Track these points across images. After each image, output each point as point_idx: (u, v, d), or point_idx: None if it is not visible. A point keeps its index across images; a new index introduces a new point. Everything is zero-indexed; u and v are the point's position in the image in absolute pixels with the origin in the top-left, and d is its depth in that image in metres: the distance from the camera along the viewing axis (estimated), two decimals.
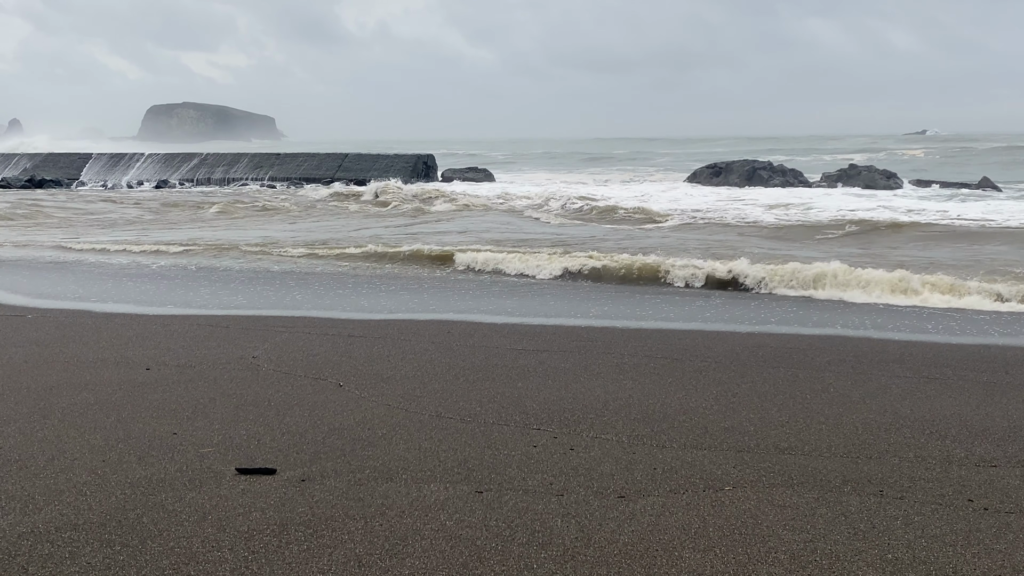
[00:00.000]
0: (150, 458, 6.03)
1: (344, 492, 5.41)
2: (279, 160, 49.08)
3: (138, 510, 5.11)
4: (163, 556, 4.54)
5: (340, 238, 22.79)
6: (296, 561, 4.50)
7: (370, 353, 9.42)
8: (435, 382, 8.17)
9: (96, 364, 8.87)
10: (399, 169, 45.42)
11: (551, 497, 5.34)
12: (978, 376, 8.49)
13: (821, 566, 4.49)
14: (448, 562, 4.50)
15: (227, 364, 8.88)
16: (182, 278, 15.80)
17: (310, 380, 8.25)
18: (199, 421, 6.91)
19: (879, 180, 39.63)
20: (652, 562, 4.52)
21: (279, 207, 33.81)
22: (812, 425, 6.86)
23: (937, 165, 55.90)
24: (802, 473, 5.79)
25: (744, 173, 41.64)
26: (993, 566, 4.49)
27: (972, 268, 16.36)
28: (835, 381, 8.27)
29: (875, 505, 5.25)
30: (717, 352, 9.52)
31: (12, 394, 7.70)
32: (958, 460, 6.08)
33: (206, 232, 25.07)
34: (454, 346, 9.79)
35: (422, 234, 23.64)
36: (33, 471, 5.75)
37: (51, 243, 21.94)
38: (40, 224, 28.05)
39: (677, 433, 6.66)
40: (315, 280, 15.43)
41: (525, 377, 8.37)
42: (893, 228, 23.86)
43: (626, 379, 8.31)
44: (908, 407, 7.39)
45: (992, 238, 21.69)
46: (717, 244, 21.11)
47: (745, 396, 7.72)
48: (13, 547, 4.63)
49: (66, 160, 51.43)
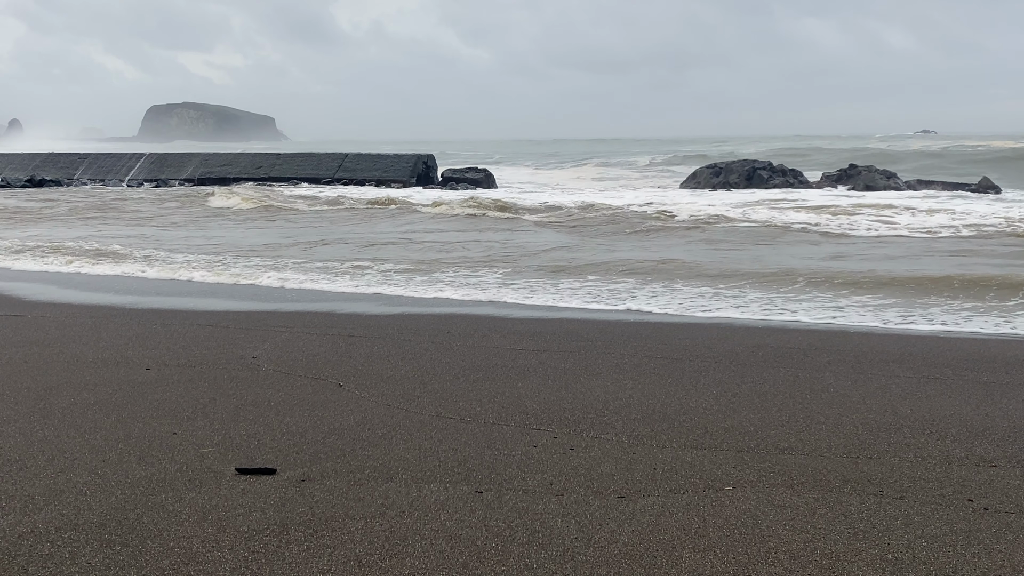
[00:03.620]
0: (150, 458, 6.03)
1: (344, 492, 5.41)
2: (279, 160, 49.07)
3: (138, 510, 5.11)
4: (163, 556, 4.54)
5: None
6: (296, 561, 4.51)
7: (370, 353, 9.42)
8: (435, 382, 8.17)
9: (96, 364, 8.88)
10: (399, 169, 45.39)
11: (551, 497, 5.34)
12: (978, 376, 8.49)
13: (821, 566, 4.49)
14: (448, 562, 4.50)
15: (227, 364, 8.88)
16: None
17: (310, 380, 8.25)
18: (199, 421, 6.91)
19: (879, 180, 39.61)
20: (652, 562, 4.52)
21: (297, 208, 33.73)
22: (812, 425, 6.86)
23: (938, 166, 55.89)
24: (802, 473, 5.80)
25: (744, 173, 41.62)
26: (993, 566, 4.49)
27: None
28: (835, 381, 8.27)
29: (875, 505, 5.26)
30: (717, 352, 9.52)
31: (12, 394, 7.70)
32: (958, 460, 6.08)
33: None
34: (454, 346, 9.80)
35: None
36: (33, 471, 5.76)
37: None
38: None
39: (677, 433, 6.66)
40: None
41: (525, 377, 8.37)
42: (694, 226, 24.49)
43: (626, 379, 8.32)
44: (908, 407, 7.39)
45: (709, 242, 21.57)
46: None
47: (745, 396, 7.72)
48: (13, 547, 4.63)
49: (66, 160, 51.55)
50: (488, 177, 46.73)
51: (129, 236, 23.39)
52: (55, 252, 19.54)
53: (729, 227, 24.45)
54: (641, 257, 18.23)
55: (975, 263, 16.93)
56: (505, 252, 19.56)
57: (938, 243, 20.85)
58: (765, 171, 41.58)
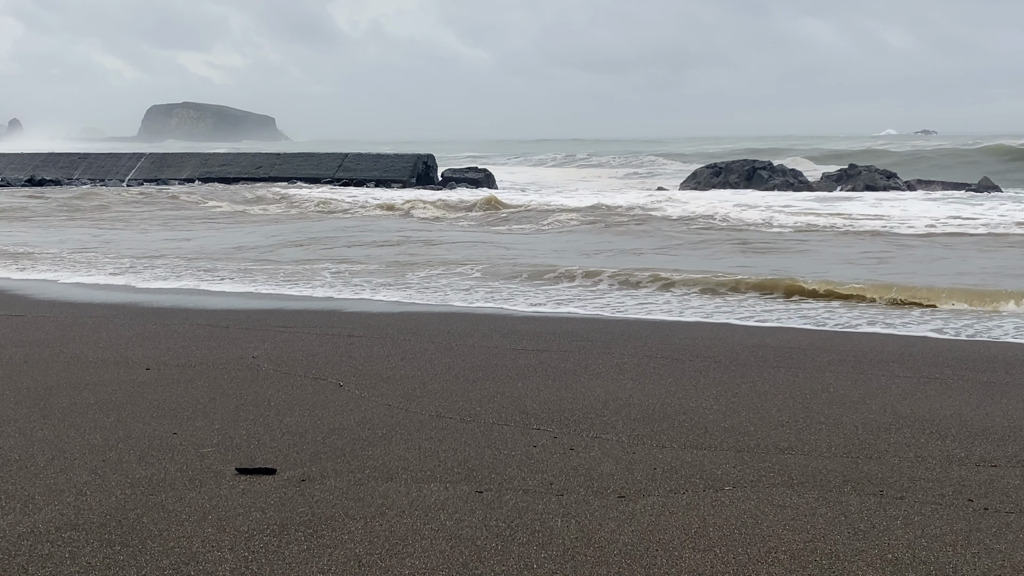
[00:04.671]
0: (150, 458, 6.03)
1: (344, 492, 5.41)
2: (279, 160, 49.05)
3: (138, 510, 5.11)
4: (163, 556, 4.54)
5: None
6: (296, 561, 4.50)
7: (370, 353, 9.42)
8: (435, 382, 8.17)
9: (96, 364, 8.88)
10: (399, 169, 45.37)
11: (551, 497, 5.34)
12: (978, 376, 8.49)
13: (821, 566, 4.49)
14: (448, 562, 4.50)
15: (227, 364, 8.88)
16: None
17: (310, 380, 8.25)
18: (199, 421, 6.91)
19: (879, 180, 39.59)
20: (652, 562, 4.52)
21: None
22: (812, 425, 6.86)
23: (939, 166, 55.83)
24: (802, 473, 5.79)
25: (744, 173, 41.60)
26: (993, 566, 4.49)
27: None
28: (835, 381, 8.27)
29: (875, 505, 5.25)
30: (717, 352, 9.52)
31: (12, 394, 7.70)
32: (958, 460, 6.08)
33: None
34: (454, 346, 9.79)
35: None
36: (33, 471, 5.75)
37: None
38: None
39: (677, 433, 6.66)
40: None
41: (525, 377, 8.37)
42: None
43: (626, 379, 8.31)
44: (908, 407, 7.39)
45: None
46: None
47: (745, 396, 7.72)
48: (13, 547, 4.63)
49: (65, 160, 51.58)
50: (488, 177, 46.71)
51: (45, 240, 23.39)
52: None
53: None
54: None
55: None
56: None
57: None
58: (765, 171, 41.56)
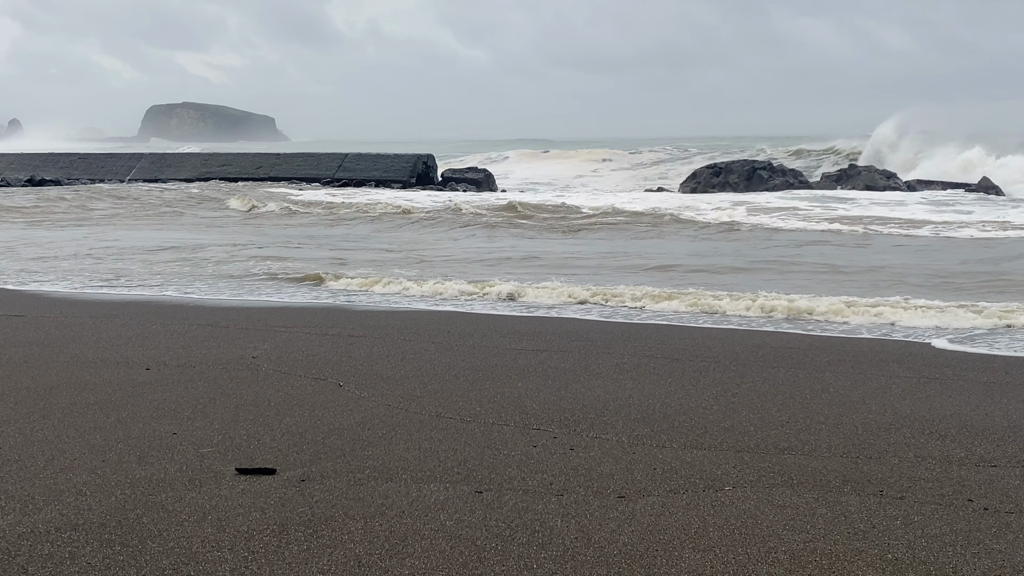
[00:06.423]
0: (150, 458, 6.03)
1: (344, 492, 5.40)
2: (279, 160, 49.05)
3: (138, 510, 5.11)
4: (163, 556, 4.54)
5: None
6: (296, 561, 4.50)
7: (370, 353, 9.42)
8: (435, 382, 8.17)
9: (96, 364, 8.87)
10: (399, 169, 45.35)
11: (551, 497, 5.34)
12: (978, 376, 8.49)
13: (821, 566, 4.48)
14: (448, 562, 4.50)
15: (227, 364, 8.88)
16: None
17: (310, 380, 8.25)
18: (199, 421, 6.91)
19: (879, 180, 39.60)
20: (652, 562, 4.52)
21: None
22: (812, 425, 6.86)
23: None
24: (802, 473, 5.79)
25: (744, 173, 41.58)
26: (993, 566, 4.49)
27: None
28: (835, 381, 8.27)
29: (875, 505, 5.25)
30: (717, 352, 9.52)
31: (12, 394, 7.70)
32: (958, 460, 6.08)
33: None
34: (454, 346, 9.79)
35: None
36: (33, 471, 5.75)
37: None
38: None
39: (677, 433, 6.66)
40: None
41: (525, 377, 8.37)
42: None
43: (626, 379, 8.31)
44: (908, 407, 7.39)
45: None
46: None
47: (745, 396, 7.72)
48: (13, 547, 4.63)
49: (65, 160, 51.60)
50: (488, 177, 46.69)
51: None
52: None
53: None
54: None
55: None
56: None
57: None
58: (765, 171, 41.56)
